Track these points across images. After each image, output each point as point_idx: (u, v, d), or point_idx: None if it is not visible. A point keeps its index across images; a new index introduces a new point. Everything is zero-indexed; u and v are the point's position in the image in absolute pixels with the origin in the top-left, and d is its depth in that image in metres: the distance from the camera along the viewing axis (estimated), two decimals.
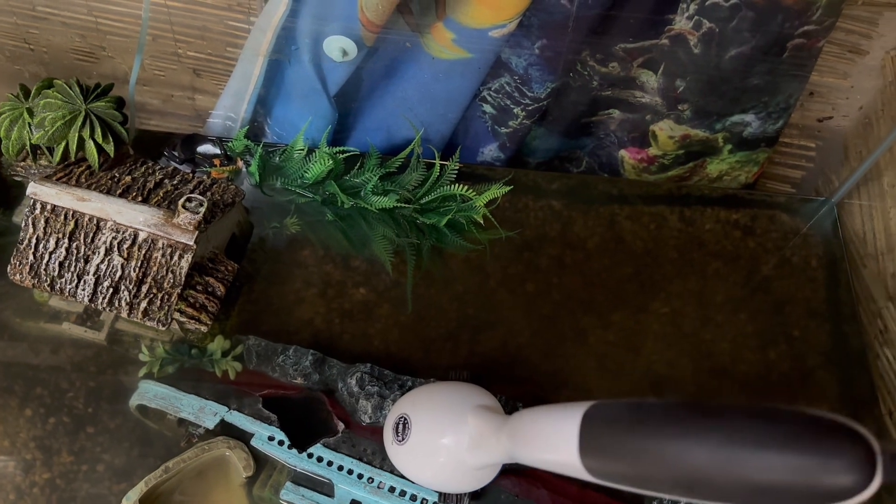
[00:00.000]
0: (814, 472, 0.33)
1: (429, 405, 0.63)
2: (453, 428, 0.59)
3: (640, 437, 0.40)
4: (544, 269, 0.82)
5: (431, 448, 0.61)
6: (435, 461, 0.61)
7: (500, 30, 0.73)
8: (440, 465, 0.61)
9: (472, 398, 0.61)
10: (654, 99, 0.81)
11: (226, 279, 0.73)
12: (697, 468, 0.37)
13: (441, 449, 0.60)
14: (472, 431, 0.58)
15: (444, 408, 0.61)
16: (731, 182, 0.90)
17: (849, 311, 0.81)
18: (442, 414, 0.61)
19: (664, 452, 0.38)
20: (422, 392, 0.65)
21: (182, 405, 0.70)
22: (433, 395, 0.64)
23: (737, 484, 0.35)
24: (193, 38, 0.86)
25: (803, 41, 0.71)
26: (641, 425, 0.40)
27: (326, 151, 0.81)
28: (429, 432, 0.61)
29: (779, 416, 0.35)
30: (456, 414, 0.60)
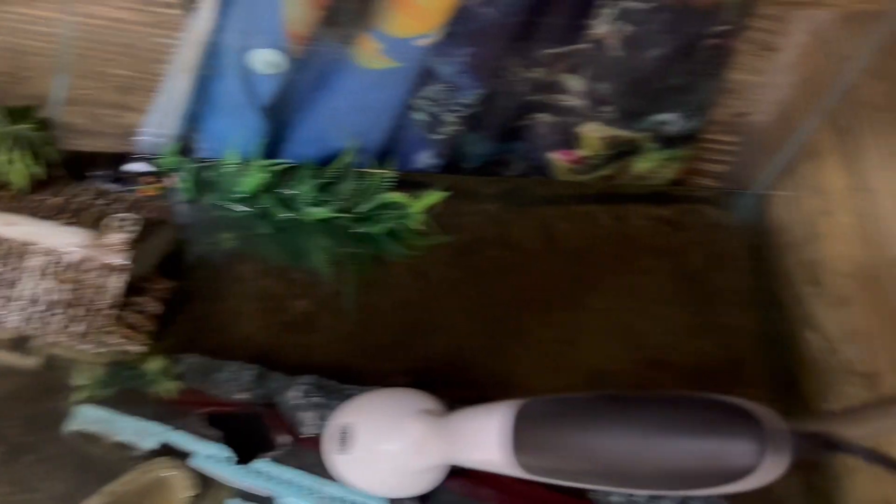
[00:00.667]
0: (716, 454, 0.35)
1: (370, 413, 0.63)
2: (396, 434, 0.60)
3: (564, 432, 0.42)
4: (484, 272, 0.83)
5: (376, 456, 0.61)
6: (380, 468, 0.62)
7: (426, 39, 0.74)
8: (386, 471, 0.61)
9: (414, 403, 0.62)
10: (579, 102, 0.83)
11: (160, 298, 0.73)
12: (617, 458, 0.39)
13: (385, 456, 0.61)
14: (415, 436, 0.59)
15: (386, 414, 0.62)
16: (658, 179, 0.93)
17: (773, 299, 0.84)
18: (384, 421, 0.61)
19: (585, 445, 0.40)
20: (362, 401, 0.66)
21: (121, 428, 0.69)
22: (374, 403, 0.64)
23: (652, 470, 0.37)
24: (120, 55, 0.84)
25: (717, 41, 0.74)
26: (565, 420, 0.42)
27: (259, 164, 0.81)
28: (372, 440, 0.61)
29: (685, 403, 0.37)
30: (398, 420, 0.60)
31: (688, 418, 0.36)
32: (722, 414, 0.35)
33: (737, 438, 0.34)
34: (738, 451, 0.34)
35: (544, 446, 0.43)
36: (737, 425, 0.35)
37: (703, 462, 0.35)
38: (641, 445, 0.37)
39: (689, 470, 0.36)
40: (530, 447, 0.44)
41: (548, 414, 0.44)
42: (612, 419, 0.40)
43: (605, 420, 0.40)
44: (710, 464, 0.35)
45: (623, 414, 0.39)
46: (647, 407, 0.38)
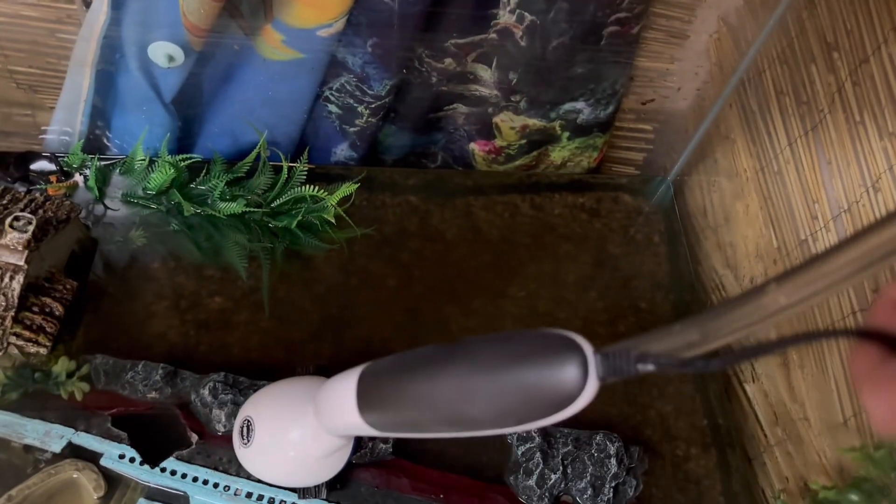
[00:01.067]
0: (544, 382, 0.36)
1: (270, 403, 0.63)
2: (296, 422, 0.60)
3: (401, 385, 0.43)
4: (405, 264, 0.83)
5: (277, 445, 0.61)
6: (283, 457, 0.61)
7: (328, 29, 0.73)
8: (289, 460, 0.61)
9: (312, 390, 0.62)
10: (491, 92, 0.83)
11: (64, 298, 0.71)
12: (451, 402, 0.40)
13: (287, 444, 0.61)
14: (310, 421, 0.58)
15: (286, 403, 0.62)
16: (574, 168, 0.94)
17: (690, 282, 0.86)
18: (284, 410, 0.61)
19: (422, 394, 0.41)
20: (264, 392, 0.65)
21: (26, 431, 0.67)
22: (275, 394, 0.64)
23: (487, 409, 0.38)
24: (24, 52, 0.82)
25: (618, 28, 0.75)
26: (401, 373, 0.43)
27: (168, 160, 0.80)
28: (273, 430, 0.61)
29: (511, 339, 0.38)
30: (298, 408, 0.60)
31: (514, 352, 0.37)
32: (549, 344, 0.36)
33: (562, 364, 0.35)
34: (564, 376, 0.35)
35: (383, 402, 0.44)
36: (560, 352, 0.36)
37: (532, 393, 0.36)
38: (473, 385, 0.39)
39: (520, 403, 0.37)
40: (372, 405, 0.45)
41: (384, 370, 0.46)
42: (443, 365, 0.41)
43: (436, 367, 0.41)
44: (540, 393, 0.36)
45: (453, 358, 0.40)
46: (476, 348, 0.40)
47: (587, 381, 0.35)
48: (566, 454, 0.69)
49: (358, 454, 0.67)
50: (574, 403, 0.36)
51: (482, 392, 0.38)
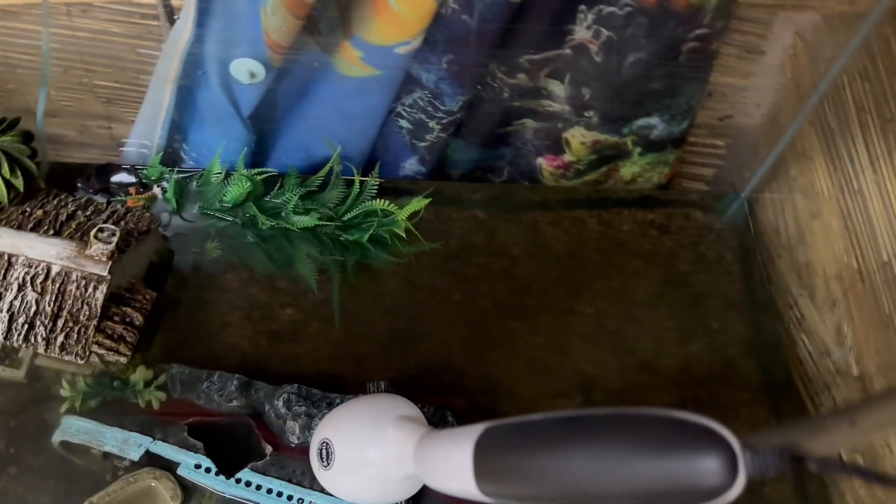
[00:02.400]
0: (683, 475, 0.34)
1: (348, 425, 0.62)
2: (375, 444, 0.59)
3: (524, 457, 0.40)
4: (471, 278, 0.83)
5: (357, 467, 0.61)
6: (363, 479, 0.61)
7: (406, 46, 0.74)
8: (369, 481, 0.61)
9: (391, 410, 0.61)
10: (562, 107, 0.83)
11: (144, 308, 0.73)
12: (579, 481, 0.37)
13: (367, 466, 0.60)
14: (392, 445, 0.58)
15: (364, 425, 0.61)
16: (644, 183, 0.92)
17: (764, 302, 0.84)
18: (362, 431, 0.61)
19: (547, 469, 0.39)
20: (340, 413, 0.65)
21: (106, 439, 0.69)
22: (351, 414, 0.64)
23: (616, 492, 0.36)
24: (104, 67, 0.85)
25: (697, 44, 0.74)
26: (524, 445, 0.41)
27: (244, 173, 0.81)
28: (352, 452, 0.61)
29: (647, 422, 0.36)
30: (376, 429, 0.60)
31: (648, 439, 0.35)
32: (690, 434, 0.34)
33: (708, 460, 0.33)
34: (709, 472, 0.33)
35: (504, 476, 0.42)
36: (707, 446, 0.33)
37: (670, 485, 0.34)
38: (605, 469, 0.36)
39: (654, 495, 0.35)
40: (492, 477, 0.42)
41: (505, 440, 0.42)
42: (570, 443, 0.38)
43: (562, 444, 0.38)
44: (679, 485, 0.34)
45: (579, 436, 0.38)
46: (603, 428, 0.37)
47: (735, 480, 0.33)
48: None
49: None
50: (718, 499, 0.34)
51: (612, 478, 0.36)
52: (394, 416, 0.60)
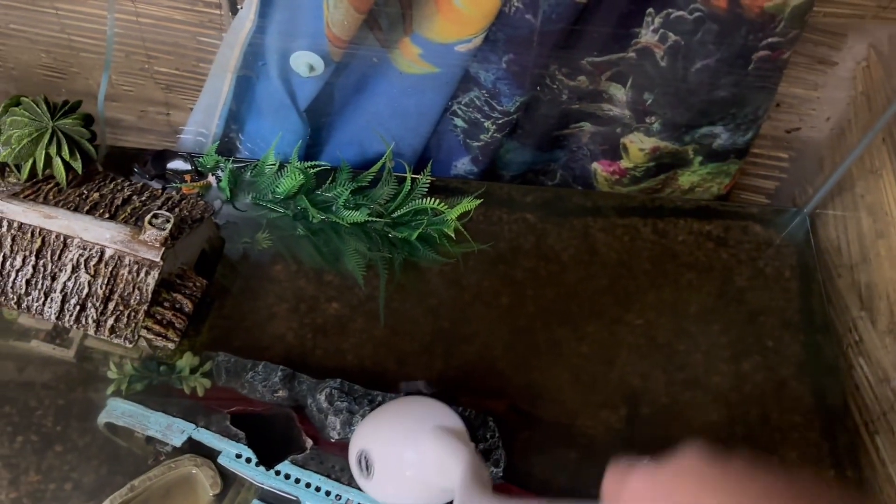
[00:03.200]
0: None
1: (383, 436, 0.62)
2: (413, 456, 0.59)
3: None
4: (519, 282, 0.82)
5: (398, 477, 0.61)
6: (405, 487, 0.61)
7: (466, 44, 0.73)
8: (411, 490, 0.61)
9: (428, 419, 0.61)
10: (623, 112, 0.81)
11: (194, 295, 0.73)
12: None
13: (407, 477, 0.60)
14: (431, 458, 0.57)
15: (398, 436, 0.61)
16: (703, 193, 0.90)
17: (822, 322, 0.81)
18: (397, 444, 0.61)
19: None
20: (376, 420, 0.64)
21: (150, 423, 0.69)
22: (386, 424, 0.63)
23: None
24: (165, 54, 0.86)
25: (768, 53, 0.72)
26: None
27: (297, 166, 0.81)
28: (390, 464, 0.61)
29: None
30: (413, 440, 0.59)
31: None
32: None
33: None
34: None
35: None
36: None
37: None
38: None
39: None
40: None
41: None
42: None
43: None
44: None
45: None
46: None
47: None
48: None
49: None
50: None
51: None
52: (432, 427, 0.59)
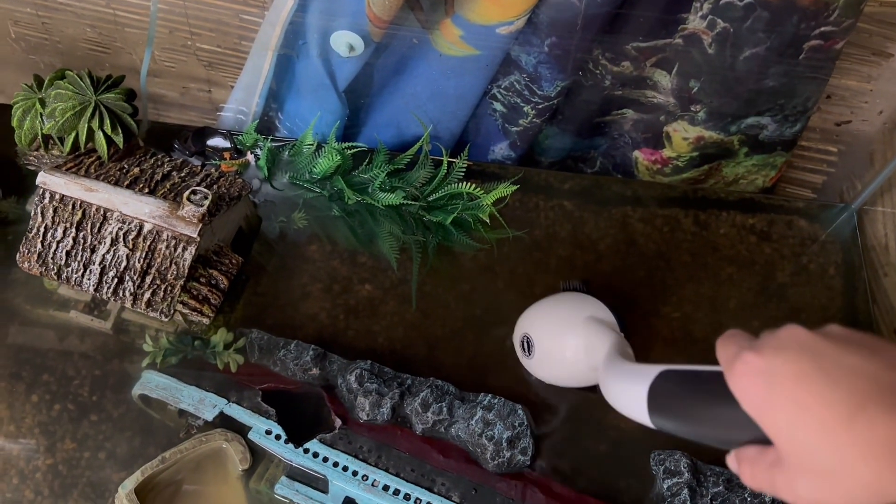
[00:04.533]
0: None
1: (544, 322, 0.71)
2: (569, 340, 0.67)
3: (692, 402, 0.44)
4: (553, 270, 0.81)
5: (554, 358, 0.69)
6: (560, 367, 0.69)
7: (508, 27, 0.72)
8: (565, 369, 0.69)
9: (583, 310, 0.68)
10: (667, 99, 0.79)
11: (230, 272, 0.74)
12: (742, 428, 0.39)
13: (562, 357, 0.68)
14: (584, 341, 0.65)
15: (556, 324, 0.69)
16: (747, 186, 0.88)
17: (865, 321, 0.78)
18: (555, 329, 0.69)
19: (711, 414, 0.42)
20: (538, 310, 0.72)
21: (183, 396, 0.70)
22: (548, 312, 0.71)
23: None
24: (207, 31, 0.86)
25: (820, 42, 0.69)
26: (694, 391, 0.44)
27: (335, 147, 0.81)
28: (549, 345, 0.69)
29: None
30: (570, 326, 0.67)
31: None
32: None
33: None
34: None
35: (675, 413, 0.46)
36: None
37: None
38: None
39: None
40: (663, 412, 0.47)
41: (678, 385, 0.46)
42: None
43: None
44: None
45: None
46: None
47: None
48: (716, 494, 0.65)
49: (495, 463, 0.66)
50: None
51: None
52: (585, 317, 0.67)
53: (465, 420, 0.68)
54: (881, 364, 0.34)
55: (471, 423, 0.67)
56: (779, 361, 0.36)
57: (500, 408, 0.68)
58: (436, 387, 0.70)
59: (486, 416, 0.67)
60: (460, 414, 0.68)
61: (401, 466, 0.67)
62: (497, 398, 0.69)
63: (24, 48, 0.93)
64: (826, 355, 0.35)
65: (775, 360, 0.36)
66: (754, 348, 0.38)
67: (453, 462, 0.67)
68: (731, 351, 0.39)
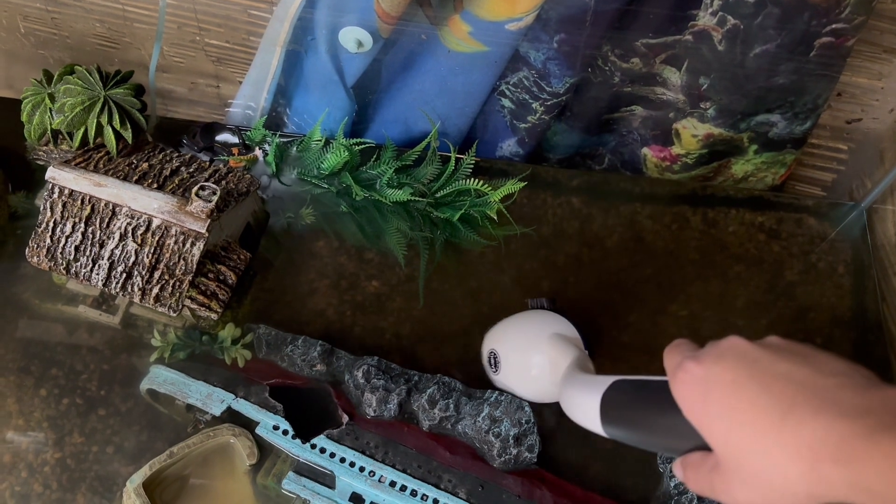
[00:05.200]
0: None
1: (509, 340, 0.71)
2: (531, 359, 0.67)
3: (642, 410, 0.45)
4: (561, 267, 0.81)
5: (519, 373, 0.69)
6: (526, 383, 0.69)
7: (517, 23, 0.71)
8: (532, 384, 0.68)
9: (547, 327, 0.68)
10: (676, 96, 0.79)
11: (238, 268, 0.74)
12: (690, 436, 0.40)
13: (527, 373, 0.68)
14: (547, 358, 0.65)
15: (522, 340, 0.70)
16: (756, 183, 0.87)
17: (874, 320, 0.78)
18: (521, 346, 0.69)
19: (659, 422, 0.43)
20: (504, 327, 0.72)
21: (191, 391, 0.70)
22: (512, 330, 0.71)
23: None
24: (216, 26, 0.86)
25: (831, 39, 0.69)
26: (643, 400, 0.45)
27: (343, 143, 0.81)
28: (513, 363, 0.69)
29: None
30: (533, 344, 0.67)
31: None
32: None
33: None
34: None
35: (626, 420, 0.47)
36: None
37: None
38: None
39: None
40: (614, 420, 0.48)
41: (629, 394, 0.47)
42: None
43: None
44: None
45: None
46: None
47: None
48: None
49: (502, 460, 0.66)
50: None
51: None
52: (550, 334, 0.67)
53: (472, 417, 0.68)
54: (811, 370, 0.35)
55: (478, 420, 0.67)
56: (716, 370, 0.38)
57: (506, 405, 0.68)
58: (443, 383, 0.70)
59: (493, 413, 0.67)
60: (467, 411, 0.68)
61: (408, 463, 0.67)
62: (504, 395, 0.69)
63: (33, 43, 0.93)
64: (760, 363, 0.37)
65: (713, 367, 0.38)
66: (695, 357, 0.39)
67: (460, 459, 0.67)
68: (675, 360, 0.41)
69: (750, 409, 0.35)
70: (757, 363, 0.37)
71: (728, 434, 0.36)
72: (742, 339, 0.39)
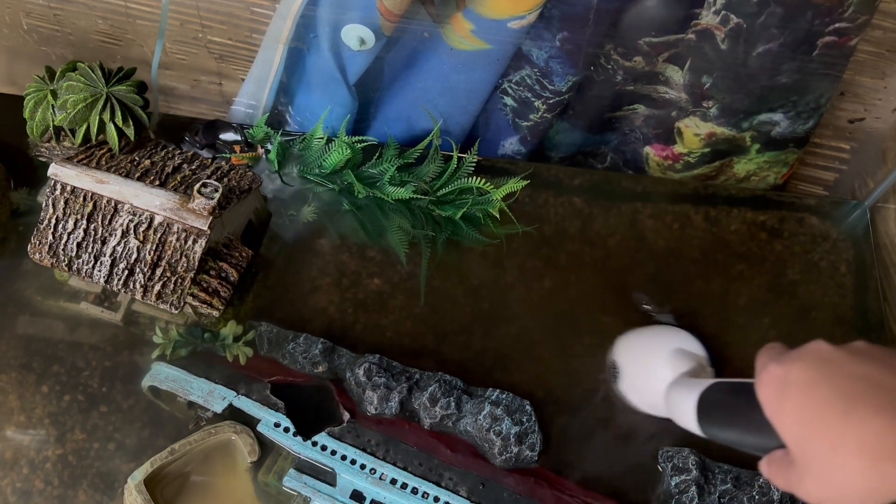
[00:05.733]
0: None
1: (631, 352, 0.72)
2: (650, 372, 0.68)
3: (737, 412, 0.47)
4: (562, 266, 0.81)
5: (638, 386, 0.70)
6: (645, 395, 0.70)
7: (520, 21, 0.71)
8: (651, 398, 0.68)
9: (670, 342, 0.70)
10: (679, 95, 0.79)
11: (240, 265, 0.74)
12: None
13: (645, 387, 0.69)
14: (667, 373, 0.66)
15: (643, 354, 0.72)
16: (759, 183, 0.87)
17: (876, 320, 0.78)
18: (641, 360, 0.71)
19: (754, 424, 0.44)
20: (628, 340, 0.73)
21: (192, 388, 0.70)
22: (636, 343, 0.73)
23: None
24: (219, 23, 0.86)
25: (835, 39, 0.69)
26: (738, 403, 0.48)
27: (345, 141, 0.81)
28: (632, 376, 0.71)
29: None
30: (653, 359, 0.69)
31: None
32: None
33: None
34: None
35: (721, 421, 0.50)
36: None
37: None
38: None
39: None
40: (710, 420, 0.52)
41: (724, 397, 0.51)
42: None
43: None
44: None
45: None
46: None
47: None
48: (724, 492, 0.65)
49: (503, 458, 0.66)
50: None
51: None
52: (671, 350, 0.69)
53: (473, 415, 0.68)
54: (882, 370, 0.37)
55: (479, 419, 0.67)
56: (795, 370, 0.39)
57: (508, 403, 0.69)
58: (444, 381, 0.70)
59: (495, 411, 0.67)
60: (468, 409, 0.68)
61: (408, 460, 0.67)
62: (505, 393, 0.69)
63: (36, 40, 0.93)
64: (835, 363, 0.38)
65: (792, 368, 0.40)
66: (779, 359, 0.41)
67: (461, 457, 0.68)
68: (762, 362, 0.43)
69: (818, 407, 0.37)
70: (832, 364, 0.38)
71: (798, 430, 0.38)
72: (825, 342, 0.41)
